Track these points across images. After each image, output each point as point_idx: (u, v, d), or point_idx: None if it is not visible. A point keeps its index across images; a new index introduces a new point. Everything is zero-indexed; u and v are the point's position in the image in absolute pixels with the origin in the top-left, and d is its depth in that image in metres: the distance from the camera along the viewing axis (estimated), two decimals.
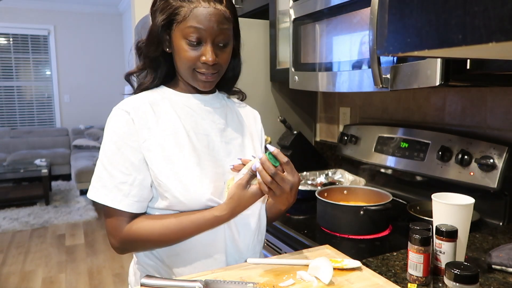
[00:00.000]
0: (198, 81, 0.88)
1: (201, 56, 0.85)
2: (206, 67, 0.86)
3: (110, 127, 0.87)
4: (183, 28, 0.83)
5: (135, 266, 0.99)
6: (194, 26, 0.82)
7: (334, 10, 1.33)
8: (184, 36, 0.84)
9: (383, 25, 0.48)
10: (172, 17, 0.84)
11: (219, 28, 0.84)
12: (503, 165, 1.18)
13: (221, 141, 0.94)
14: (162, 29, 0.86)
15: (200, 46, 0.85)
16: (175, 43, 0.86)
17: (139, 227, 0.86)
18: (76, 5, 6.20)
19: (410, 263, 0.85)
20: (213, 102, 0.96)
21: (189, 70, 0.87)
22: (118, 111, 0.88)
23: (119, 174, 0.84)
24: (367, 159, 1.66)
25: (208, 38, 0.84)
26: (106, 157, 0.86)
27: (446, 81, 0.96)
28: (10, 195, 4.58)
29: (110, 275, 2.95)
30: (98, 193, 0.85)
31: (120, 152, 0.85)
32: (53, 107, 6.42)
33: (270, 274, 0.83)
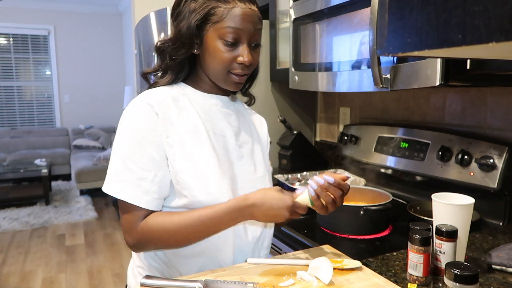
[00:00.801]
0: (230, 82, 0.88)
1: (237, 57, 0.85)
2: (242, 68, 0.86)
3: (130, 120, 0.84)
4: (220, 28, 0.83)
5: (135, 268, 0.98)
6: (231, 27, 0.82)
7: (334, 10, 1.33)
8: (220, 37, 0.83)
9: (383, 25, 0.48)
10: (207, 17, 0.83)
11: (254, 28, 0.85)
12: (503, 165, 1.18)
13: (236, 144, 0.94)
14: (196, 30, 0.84)
15: (236, 47, 0.85)
16: (209, 44, 0.85)
17: (155, 222, 0.83)
18: (76, 5, 6.20)
19: (410, 263, 0.85)
20: (229, 105, 0.96)
21: (223, 72, 0.86)
22: (141, 103, 0.85)
23: (139, 170, 0.82)
24: (367, 159, 1.66)
25: (245, 39, 0.84)
26: (125, 151, 0.83)
27: (446, 81, 0.96)
28: (10, 195, 4.58)
29: (110, 275, 2.95)
30: (116, 188, 0.82)
31: (140, 146, 0.82)
32: (53, 107, 6.42)
33: (270, 274, 0.83)
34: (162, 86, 0.91)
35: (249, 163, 0.95)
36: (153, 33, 2.05)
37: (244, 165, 0.93)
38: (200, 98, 0.92)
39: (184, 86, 0.93)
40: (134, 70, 2.65)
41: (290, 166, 1.93)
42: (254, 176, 0.95)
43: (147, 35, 2.15)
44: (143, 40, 2.26)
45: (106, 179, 0.85)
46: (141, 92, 0.90)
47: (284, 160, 1.97)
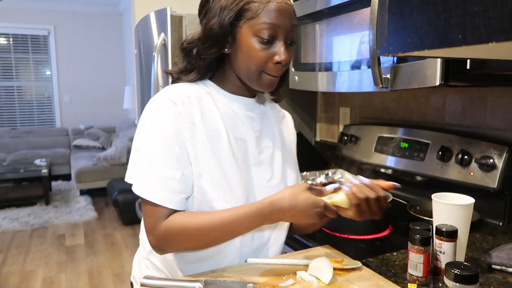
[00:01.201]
0: (263, 83, 0.83)
1: (273, 55, 0.80)
2: (277, 68, 0.81)
3: (155, 118, 0.81)
4: (255, 24, 0.78)
5: (141, 259, 0.97)
6: (268, 23, 0.77)
7: (334, 10, 1.33)
8: (255, 34, 0.78)
9: (383, 25, 0.48)
10: (241, 13, 0.78)
11: (291, 24, 0.80)
12: (503, 165, 1.18)
13: (255, 149, 0.90)
14: (228, 28, 0.80)
15: (271, 44, 0.80)
16: (243, 42, 0.80)
17: (176, 222, 0.79)
18: (76, 5, 6.20)
19: (410, 263, 0.85)
20: (253, 107, 0.92)
21: (257, 72, 0.82)
22: (165, 101, 0.81)
23: (167, 170, 0.79)
24: (367, 159, 1.66)
25: (281, 35, 0.80)
26: (152, 151, 0.80)
27: (446, 81, 0.96)
28: (10, 195, 4.58)
29: (110, 275, 2.95)
30: (145, 189, 0.79)
31: (167, 146, 0.79)
32: (53, 107, 6.42)
33: (270, 274, 0.83)
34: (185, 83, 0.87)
35: (267, 169, 0.92)
36: (153, 33, 2.05)
37: (261, 171, 0.90)
38: (224, 99, 0.88)
39: (209, 84, 0.89)
40: (134, 70, 2.65)
41: None
42: (269, 183, 0.91)
43: (147, 35, 2.15)
44: (143, 40, 2.25)
45: (135, 180, 0.81)
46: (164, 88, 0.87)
47: None
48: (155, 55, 1.90)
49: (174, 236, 0.80)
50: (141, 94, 2.41)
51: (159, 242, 0.81)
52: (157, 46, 1.88)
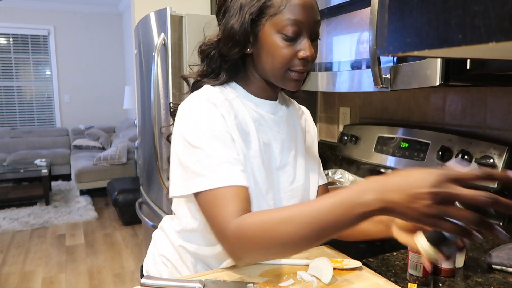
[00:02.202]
0: (289, 81, 0.80)
1: (298, 52, 0.77)
2: (303, 64, 0.78)
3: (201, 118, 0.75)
4: (278, 21, 0.75)
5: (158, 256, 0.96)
6: (292, 19, 0.74)
7: (334, 10, 1.33)
8: (278, 30, 0.75)
9: (383, 25, 0.48)
10: (262, 10, 0.75)
11: (315, 20, 0.78)
12: (503, 165, 1.18)
13: (280, 153, 0.88)
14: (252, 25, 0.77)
15: (296, 41, 0.77)
16: (266, 40, 0.77)
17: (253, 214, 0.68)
18: (76, 5, 6.20)
19: (410, 263, 0.85)
20: (278, 111, 0.90)
21: (282, 70, 0.79)
22: (205, 102, 0.77)
23: (225, 153, 0.72)
24: (367, 159, 1.66)
25: (306, 32, 0.77)
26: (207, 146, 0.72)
27: (446, 81, 0.96)
28: (10, 195, 4.58)
29: (110, 275, 2.95)
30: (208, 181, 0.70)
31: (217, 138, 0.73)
32: (53, 107, 6.42)
33: (270, 274, 0.83)
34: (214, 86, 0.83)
35: (289, 172, 0.89)
36: (153, 33, 2.05)
37: (284, 175, 0.88)
38: (252, 104, 0.85)
39: (237, 88, 0.86)
40: (134, 70, 2.65)
41: None
42: (292, 186, 0.89)
43: (147, 35, 2.15)
44: (143, 40, 2.25)
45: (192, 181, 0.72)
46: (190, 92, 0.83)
47: None
48: (155, 55, 1.90)
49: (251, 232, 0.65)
50: (141, 94, 2.41)
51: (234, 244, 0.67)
52: (157, 46, 1.88)
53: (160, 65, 1.95)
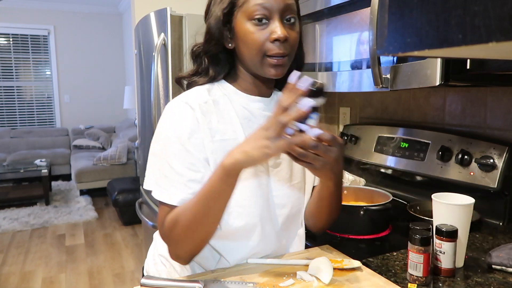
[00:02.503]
0: (268, 67, 0.81)
1: (270, 34, 0.78)
2: (277, 46, 0.78)
3: (172, 123, 0.81)
4: (247, 9, 0.78)
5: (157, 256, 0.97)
6: (258, 3, 0.77)
7: (334, 10, 1.33)
8: (248, 17, 0.78)
9: (383, 25, 0.48)
10: (233, 2, 0.80)
11: (285, 3, 0.79)
12: (503, 165, 1.18)
13: None
14: (224, 20, 0.81)
15: (267, 24, 0.79)
16: (240, 29, 0.80)
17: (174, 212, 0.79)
18: (76, 5, 6.20)
19: (410, 263, 0.85)
20: (271, 107, 0.89)
21: (258, 56, 0.80)
22: (182, 104, 0.82)
23: (188, 172, 0.79)
24: (367, 159, 1.66)
25: (275, 14, 0.78)
26: (171, 155, 0.79)
27: (446, 81, 0.96)
28: (10, 195, 4.58)
29: (110, 275, 2.95)
30: (168, 193, 0.79)
31: (186, 149, 0.79)
32: (53, 107, 6.42)
33: (270, 274, 0.83)
34: (202, 85, 0.87)
35: (285, 170, 0.90)
36: (153, 33, 2.05)
37: (279, 172, 0.89)
38: (241, 100, 0.87)
39: (225, 85, 0.89)
40: (134, 70, 2.65)
41: None
42: (289, 183, 0.91)
43: (147, 35, 2.15)
44: (143, 40, 2.26)
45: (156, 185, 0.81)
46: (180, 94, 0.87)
47: None
48: (155, 55, 1.90)
49: (174, 227, 0.78)
50: (141, 94, 2.41)
51: (168, 243, 0.81)
52: (157, 46, 1.88)
53: (160, 65, 1.95)
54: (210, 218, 0.76)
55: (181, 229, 0.77)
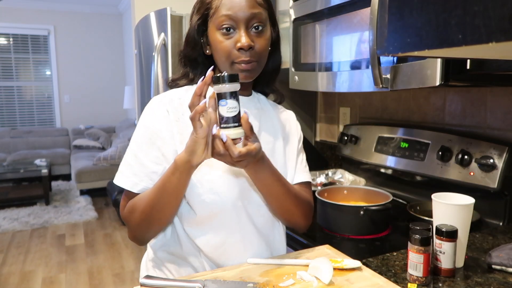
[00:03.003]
0: (237, 71, 0.85)
1: (235, 43, 0.83)
2: (243, 54, 0.83)
3: (144, 117, 0.89)
4: (216, 19, 0.84)
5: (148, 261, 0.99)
6: (224, 14, 0.83)
7: (334, 10, 1.33)
8: (217, 27, 0.84)
9: (383, 25, 0.48)
10: (206, 13, 0.86)
11: (250, 12, 0.83)
12: (503, 165, 1.18)
13: None
14: (199, 30, 0.88)
15: (234, 33, 0.84)
16: (211, 38, 0.87)
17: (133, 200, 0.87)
18: (76, 5, 6.20)
19: (410, 263, 0.85)
20: (249, 106, 0.93)
21: (227, 63, 0.85)
22: (154, 101, 0.90)
23: (150, 164, 0.85)
24: (367, 159, 1.66)
25: (240, 23, 0.83)
26: (138, 146, 0.87)
27: (446, 81, 0.96)
28: (10, 195, 4.58)
29: (110, 275, 2.95)
30: (128, 181, 0.86)
31: (151, 142, 0.86)
32: (53, 107, 6.42)
33: (270, 274, 0.83)
34: (183, 87, 0.94)
35: None
36: (153, 33, 2.05)
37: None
38: None
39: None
40: (134, 70, 2.65)
41: None
42: None
43: (147, 35, 2.15)
44: (143, 40, 2.26)
45: (119, 172, 0.87)
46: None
47: None
48: (155, 55, 1.90)
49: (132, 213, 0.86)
50: (141, 94, 2.41)
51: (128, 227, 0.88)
52: (157, 46, 1.88)
53: (160, 65, 1.95)
54: (164, 208, 0.83)
55: (138, 215, 0.84)
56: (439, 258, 0.87)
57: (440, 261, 0.87)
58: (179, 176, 0.78)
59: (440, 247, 0.86)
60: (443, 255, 0.86)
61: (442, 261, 0.86)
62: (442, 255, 0.86)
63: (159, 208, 0.83)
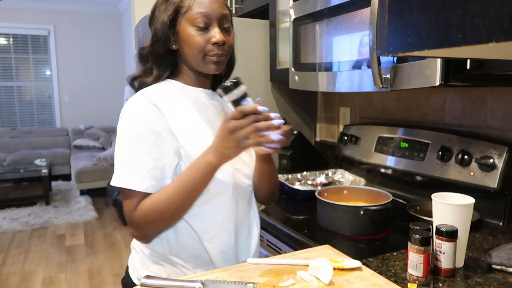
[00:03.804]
0: (209, 64, 0.92)
1: (210, 38, 0.90)
2: (217, 48, 0.91)
3: (129, 116, 0.87)
4: (190, 16, 0.89)
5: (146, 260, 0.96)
6: (200, 12, 0.89)
7: (334, 10, 1.33)
8: (191, 24, 0.90)
9: (383, 25, 0.48)
10: (177, 10, 0.90)
11: (222, 13, 0.92)
12: (503, 165, 1.18)
13: None
14: (169, 24, 0.91)
15: (208, 30, 0.91)
16: (183, 34, 0.91)
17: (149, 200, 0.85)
18: (76, 5, 6.20)
19: (410, 263, 0.85)
20: (214, 97, 1.02)
21: (199, 56, 0.91)
22: (137, 99, 0.89)
23: (143, 157, 0.85)
24: (367, 159, 1.66)
25: (215, 22, 0.91)
26: (128, 144, 0.86)
27: (446, 81, 0.96)
28: (10, 195, 4.58)
29: (110, 275, 2.95)
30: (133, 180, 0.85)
31: (142, 136, 0.86)
32: (53, 107, 6.42)
33: (270, 274, 0.83)
34: (152, 85, 0.95)
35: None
36: None
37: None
38: (189, 91, 0.97)
39: (172, 81, 0.97)
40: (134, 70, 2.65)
41: (290, 166, 1.93)
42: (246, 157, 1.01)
43: (147, 35, 2.15)
44: (143, 40, 2.25)
45: (118, 174, 0.87)
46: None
47: (284, 160, 1.97)
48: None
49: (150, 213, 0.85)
50: None
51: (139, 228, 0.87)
52: None
53: None
54: (186, 205, 0.87)
55: (156, 214, 0.85)
56: (439, 258, 0.87)
57: (440, 261, 0.87)
58: (209, 177, 0.85)
59: (440, 247, 0.86)
60: (443, 255, 0.86)
61: (442, 261, 0.86)
62: (442, 255, 0.86)
63: (182, 206, 0.86)
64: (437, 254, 0.87)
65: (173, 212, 0.86)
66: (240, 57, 1.08)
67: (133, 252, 1.01)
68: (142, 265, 0.96)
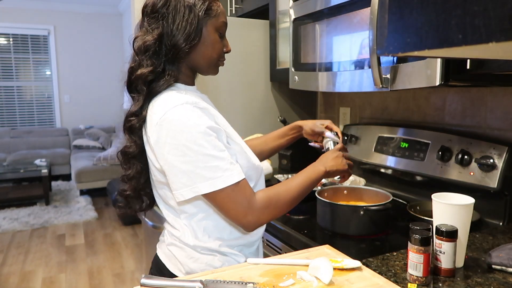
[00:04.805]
0: (216, 68, 1.00)
1: (226, 47, 0.99)
2: (224, 56, 1.00)
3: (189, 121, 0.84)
4: (216, 22, 0.94)
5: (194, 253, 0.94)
6: (224, 22, 0.96)
7: (334, 10, 1.33)
8: (217, 29, 0.95)
9: (383, 25, 0.48)
10: (207, 11, 0.92)
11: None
12: (503, 165, 1.18)
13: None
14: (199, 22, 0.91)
15: (224, 39, 0.98)
16: (209, 35, 0.94)
17: (268, 191, 0.92)
18: (76, 5, 6.20)
19: (410, 263, 0.85)
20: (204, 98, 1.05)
21: (215, 61, 0.97)
22: (188, 106, 0.86)
23: (225, 154, 0.87)
24: (367, 159, 1.66)
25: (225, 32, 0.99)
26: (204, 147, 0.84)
27: (446, 81, 0.96)
28: (10, 195, 4.58)
29: (110, 275, 2.95)
30: (234, 174, 0.86)
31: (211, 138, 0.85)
32: (53, 107, 6.42)
33: (270, 274, 0.83)
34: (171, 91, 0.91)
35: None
36: None
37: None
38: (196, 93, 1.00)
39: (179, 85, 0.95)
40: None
41: (290, 166, 1.93)
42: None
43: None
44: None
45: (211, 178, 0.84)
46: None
47: (284, 160, 1.97)
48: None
49: (273, 204, 0.91)
50: None
51: (259, 216, 0.90)
52: None
53: None
54: (300, 199, 0.99)
55: (278, 206, 0.93)
56: (439, 258, 0.87)
57: (440, 261, 0.87)
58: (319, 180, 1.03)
59: (440, 247, 0.86)
60: (443, 255, 0.86)
61: (442, 261, 0.86)
62: (442, 255, 0.86)
63: (298, 200, 0.98)
64: (437, 254, 0.87)
65: (289, 204, 0.95)
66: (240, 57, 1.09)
67: (172, 249, 0.97)
68: (189, 259, 0.93)
